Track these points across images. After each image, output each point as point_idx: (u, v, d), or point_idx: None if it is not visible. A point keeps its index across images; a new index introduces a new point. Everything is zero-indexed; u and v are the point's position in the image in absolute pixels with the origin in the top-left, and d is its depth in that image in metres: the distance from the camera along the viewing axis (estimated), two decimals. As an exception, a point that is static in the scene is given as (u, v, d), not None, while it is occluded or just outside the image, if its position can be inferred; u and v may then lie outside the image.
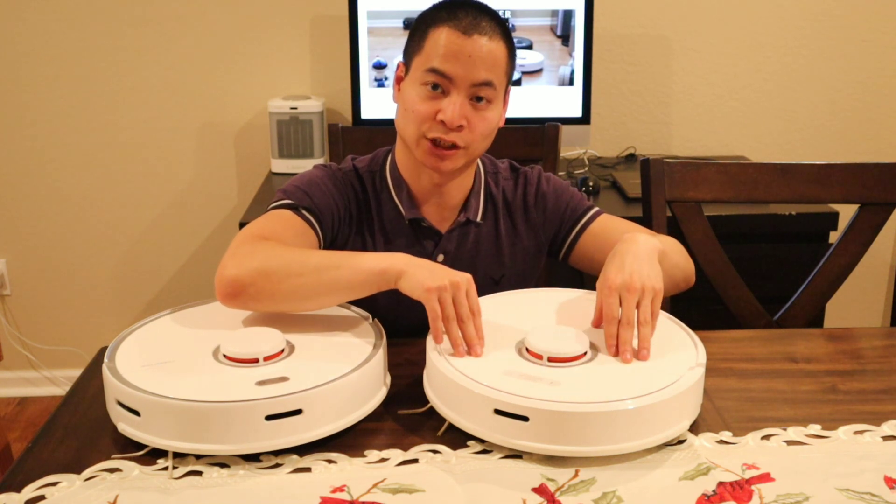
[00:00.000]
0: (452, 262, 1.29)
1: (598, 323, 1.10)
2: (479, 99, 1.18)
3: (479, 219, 1.30)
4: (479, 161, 1.32)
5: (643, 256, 1.10)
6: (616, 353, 1.03)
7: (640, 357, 1.02)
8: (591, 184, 2.10)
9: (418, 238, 1.29)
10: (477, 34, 1.16)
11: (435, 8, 1.20)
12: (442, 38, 1.16)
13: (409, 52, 1.22)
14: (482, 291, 1.30)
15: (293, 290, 1.08)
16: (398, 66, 1.25)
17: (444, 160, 1.20)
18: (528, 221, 1.34)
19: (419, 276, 1.04)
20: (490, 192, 1.33)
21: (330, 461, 0.93)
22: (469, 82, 1.17)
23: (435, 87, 1.17)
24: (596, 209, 1.35)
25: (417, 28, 1.21)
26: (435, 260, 1.28)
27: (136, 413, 0.93)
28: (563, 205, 1.34)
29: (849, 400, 1.08)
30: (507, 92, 1.25)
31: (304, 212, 1.21)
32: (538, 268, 1.38)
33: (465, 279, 1.04)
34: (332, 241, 1.26)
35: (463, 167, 1.24)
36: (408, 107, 1.20)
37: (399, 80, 1.25)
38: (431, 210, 1.29)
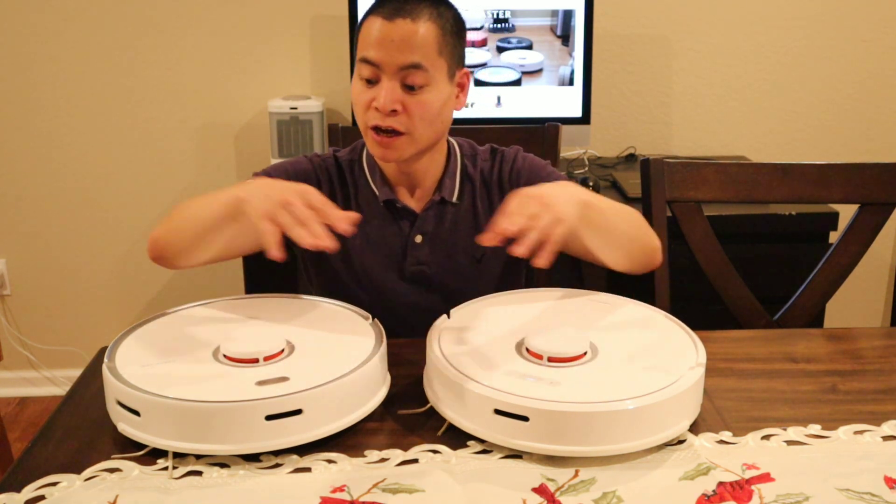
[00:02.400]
0: (431, 243, 1.30)
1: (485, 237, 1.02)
2: (410, 85, 1.19)
3: (454, 199, 1.31)
4: (455, 144, 1.34)
5: (568, 192, 1.07)
6: (488, 237, 0.98)
7: (516, 250, 0.96)
8: (591, 184, 2.10)
9: (395, 219, 1.30)
10: (399, 17, 1.17)
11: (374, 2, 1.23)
12: (371, 26, 1.19)
13: (353, 47, 1.25)
14: (466, 271, 1.31)
15: (184, 234, 1.15)
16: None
17: (388, 148, 1.21)
18: (503, 198, 1.33)
19: (253, 203, 1.02)
20: (467, 172, 1.34)
21: (330, 461, 0.93)
22: (395, 66, 1.17)
23: (370, 78, 1.20)
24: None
25: (359, 23, 1.23)
26: (413, 241, 1.29)
27: (136, 413, 0.93)
28: (536, 181, 1.30)
29: (849, 400, 1.08)
30: (456, 73, 1.24)
31: None
32: None
33: (296, 191, 1.01)
34: None
35: (416, 154, 1.24)
36: (353, 100, 1.23)
37: None
38: (406, 192, 1.31)
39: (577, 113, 2.23)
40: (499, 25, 2.18)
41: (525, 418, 0.92)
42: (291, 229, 0.99)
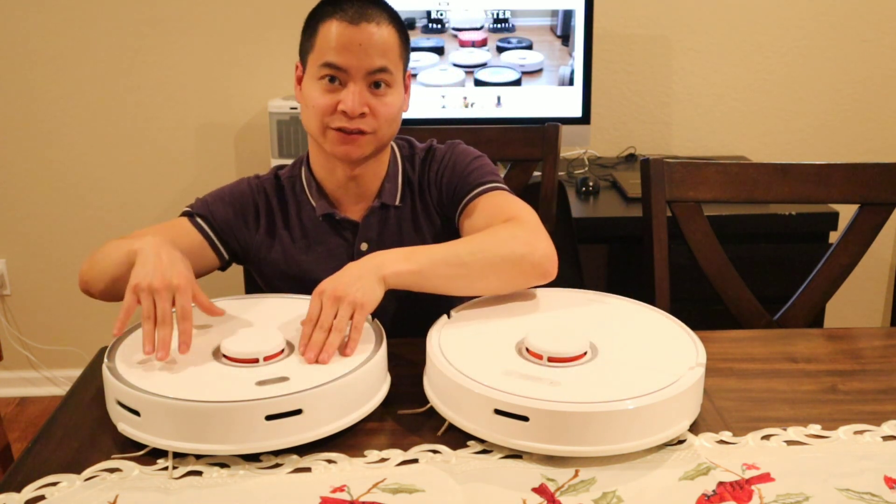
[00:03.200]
0: (377, 249, 1.27)
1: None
2: (377, 85, 1.20)
3: (397, 202, 1.31)
4: (394, 146, 1.34)
5: (366, 272, 1.07)
6: (304, 353, 1.02)
7: (319, 359, 1.00)
8: (591, 184, 2.10)
9: (337, 231, 1.30)
10: (364, 22, 1.18)
11: (322, 3, 1.22)
12: (332, 31, 1.18)
13: (303, 50, 1.24)
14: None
15: (100, 273, 1.17)
16: (296, 66, 1.28)
17: (352, 145, 1.21)
18: (432, 200, 1.33)
19: (140, 267, 1.05)
20: (407, 175, 1.33)
21: (330, 461, 0.93)
22: (364, 71, 1.18)
23: (332, 79, 1.19)
24: (495, 185, 1.29)
25: (308, 26, 1.23)
26: (358, 249, 1.29)
27: (136, 413, 0.93)
28: (455, 180, 1.31)
29: (849, 400, 1.08)
30: (406, 77, 1.27)
31: (198, 220, 1.27)
32: None
33: (169, 286, 1.03)
34: (243, 244, 1.31)
35: (373, 153, 1.25)
36: (309, 104, 1.22)
37: (299, 81, 1.27)
38: (350, 202, 1.31)
39: (577, 113, 2.23)
40: (499, 25, 2.19)
41: (525, 418, 0.92)
42: (144, 318, 1.02)
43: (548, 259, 1.15)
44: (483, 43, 2.20)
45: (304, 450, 0.94)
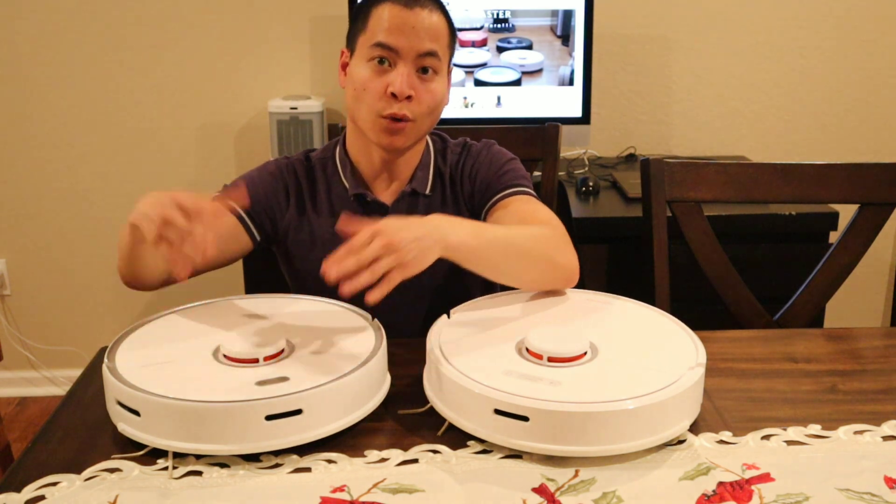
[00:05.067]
0: None
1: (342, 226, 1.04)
2: (424, 70, 1.22)
3: (427, 191, 1.33)
4: (427, 138, 1.36)
5: (430, 234, 1.04)
6: (326, 270, 0.97)
7: (341, 290, 0.96)
8: (591, 184, 2.10)
9: (366, 213, 1.31)
10: (418, 7, 1.21)
11: None
12: (385, 13, 1.21)
13: (353, 35, 1.26)
14: (441, 263, 1.30)
15: (126, 265, 1.17)
16: (341, 53, 1.29)
17: (398, 135, 1.23)
18: (463, 192, 1.36)
19: (137, 209, 1.04)
20: (438, 166, 1.36)
21: (330, 461, 0.93)
22: (414, 53, 1.20)
23: (381, 60, 1.21)
24: (526, 190, 1.31)
25: (359, 11, 1.25)
26: None
27: (136, 413, 0.93)
28: (490, 177, 1.33)
29: (849, 400, 1.08)
30: (450, 71, 1.29)
31: (229, 202, 1.27)
32: None
33: (159, 197, 1.01)
34: (274, 224, 1.32)
35: (413, 144, 1.28)
36: (357, 86, 1.23)
37: (344, 66, 1.28)
38: (381, 186, 1.33)
39: (577, 113, 2.23)
40: (499, 25, 2.19)
41: (525, 418, 0.92)
42: (155, 242, 1.00)
43: (576, 269, 1.21)
44: (483, 43, 2.20)
45: (304, 450, 0.94)
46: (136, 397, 0.93)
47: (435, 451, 0.95)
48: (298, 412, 0.93)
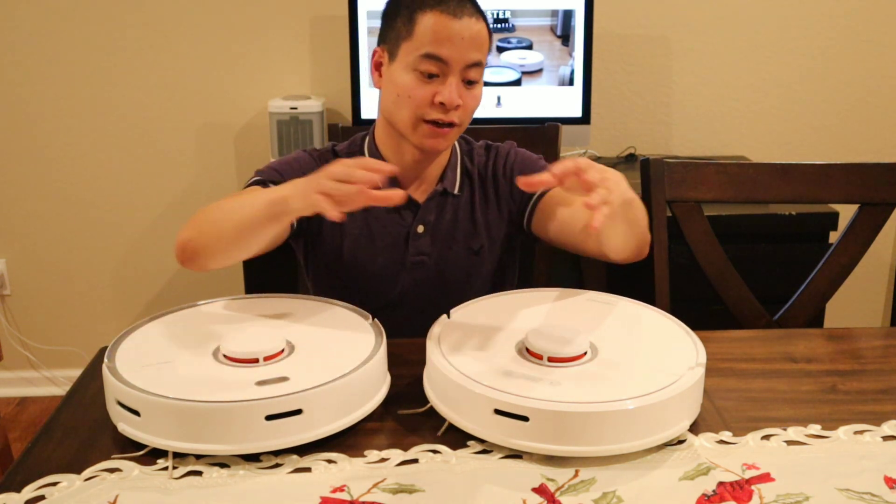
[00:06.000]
0: (432, 233, 1.32)
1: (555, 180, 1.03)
2: (470, 81, 1.23)
3: (456, 190, 1.34)
4: None
5: (619, 185, 1.04)
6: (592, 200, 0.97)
7: (595, 208, 0.96)
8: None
9: (397, 209, 1.31)
10: (466, 16, 1.20)
11: None
12: (432, 21, 1.20)
13: (393, 37, 1.24)
14: (463, 262, 1.33)
15: (219, 235, 1.13)
16: (375, 52, 1.28)
17: (441, 138, 1.24)
18: (497, 193, 1.37)
19: (298, 193, 1.04)
20: (466, 167, 1.37)
21: (330, 461, 0.93)
22: (463, 64, 1.21)
23: (430, 71, 1.20)
24: None
25: (400, 12, 1.23)
26: (415, 230, 1.32)
27: (136, 413, 0.93)
28: (527, 173, 1.33)
29: (849, 400, 1.08)
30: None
31: (270, 185, 1.23)
32: (515, 240, 1.40)
33: (331, 165, 1.02)
34: (309, 217, 1.27)
35: (450, 144, 1.29)
36: (401, 92, 1.22)
37: (379, 66, 1.27)
38: (411, 184, 1.33)
39: (577, 113, 2.23)
40: (499, 25, 2.18)
41: (525, 418, 0.92)
42: (338, 191, 0.99)
43: (648, 244, 1.25)
44: (483, 43, 2.19)
45: (304, 450, 0.94)
46: (136, 397, 0.93)
47: (435, 451, 0.95)
48: (298, 412, 0.93)
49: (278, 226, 1.12)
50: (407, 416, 1.02)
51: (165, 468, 0.92)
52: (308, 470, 0.92)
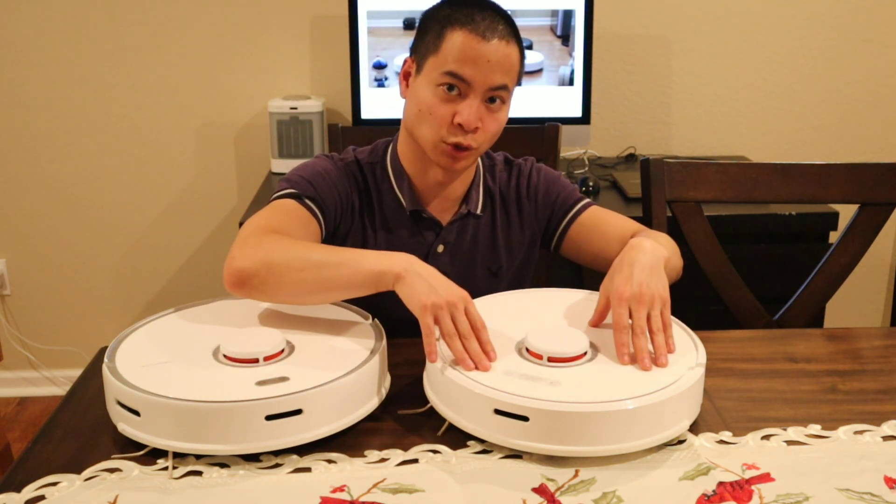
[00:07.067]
0: (452, 254, 1.31)
1: (596, 323, 1.10)
2: (492, 100, 1.20)
3: (479, 211, 1.32)
4: None
5: (651, 266, 1.09)
6: (629, 362, 1.01)
7: (658, 363, 1.00)
8: (591, 184, 2.10)
9: (419, 229, 1.30)
10: (496, 39, 1.17)
11: (450, 6, 1.20)
12: (459, 40, 1.16)
13: (422, 49, 1.21)
14: (482, 283, 1.31)
15: (295, 284, 1.08)
16: (406, 61, 1.25)
17: (459, 160, 1.21)
18: (521, 213, 1.36)
19: (417, 287, 1.03)
20: (487, 185, 1.35)
21: (330, 461, 0.93)
22: (486, 86, 1.17)
23: (451, 88, 1.18)
24: (587, 200, 1.37)
25: (431, 26, 1.21)
26: (434, 250, 1.30)
27: (136, 413, 0.93)
28: (553, 195, 1.35)
29: (849, 400, 1.08)
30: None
31: (307, 201, 1.21)
32: (533, 259, 1.39)
33: (461, 297, 1.03)
34: (334, 230, 1.27)
35: (471, 165, 1.27)
36: (423, 108, 1.20)
37: (407, 76, 1.25)
38: (433, 202, 1.31)
39: (577, 113, 2.23)
40: (499, 25, 2.18)
41: (525, 418, 0.92)
42: (448, 337, 1.01)
43: (681, 271, 1.29)
44: (483, 43, 2.19)
45: (304, 450, 0.94)
46: (136, 397, 0.93)
47: (435, 451, 0.95)
48: (298, 412, 0.93)
49: (370, 292, 1.08)
50: (407, 416, 1.02)
51: (165, 468, 0.92)
52: (308, 470, 0.92)
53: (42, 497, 0.87)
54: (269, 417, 0.91)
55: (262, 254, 1.09)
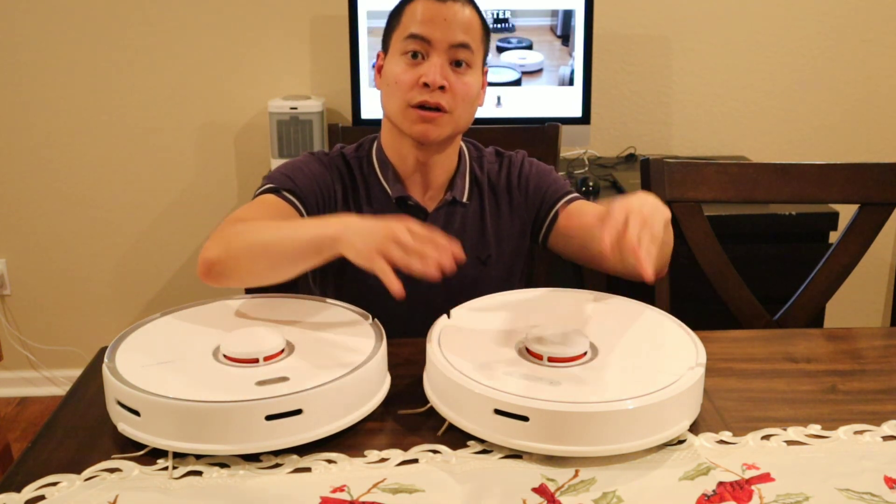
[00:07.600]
0: None
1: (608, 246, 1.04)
2: (458, 64, 1.23)
3: (465, 199, 1.34)
4: (463, 145, 1.36)
5: (658, 208, 1.08)
6: (608, 245, 0.98)
7: (640, 256, 0.98)
8: (591, 184, 2.10)
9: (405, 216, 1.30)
10: (451, 1, 1.23)
11: None
12: (418, 7, 1.23)
13: (388, 34, 1.28)
14: (471, 271, 1.32)
15: (251, 264, 1.12)
16: (377, 56, 1.31)
17: (431, 124, 1.23)
18: (511, 203, 1.36)
19: (356, 243, 1.02)
20: (475, 175, 1.36)
21: (330, 461, 0.93)
22: (447, 43, 1.22)
23: (415, 55, 1.22)
24: (575, 194, 1.37)
25: (394, 12, 1.27)
26: None
27: (136, 413, 0.93)
28: (544, 186, 1.36)
29: (849, 400, 1.08)
30: (485, 72, 1.31)
31: (286, 194, 1.24)
32: (523, 250, 1.39)
33: (398, 225, 1.01)
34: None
35: (448, 139, 1.27)
36: (390, 82, 1.24)
37: (380, 69, 1.30)
38: (417, 190, 1.33)
39: (577, 113, 2.23)
40: (499, 25, 2.18)
41: (525, 418, 0.92)
42: (404, 262, 0.99)
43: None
44: (483, 43, 2.19)
45: (304, 450, 0.94)
46: (136, 397, 0.93)
47: (435, 451, 0.95)
48: (298, 412, 0.93)
49: (319, 261, 1.09)
50: (407, 416, 1.02)
51: (165, 468, 0.92)
52: (308, 470, 0.92)
53: (42, 497, 0.87)
54: (269, 417, 0.91)
55: (224, 242, 1.13)
